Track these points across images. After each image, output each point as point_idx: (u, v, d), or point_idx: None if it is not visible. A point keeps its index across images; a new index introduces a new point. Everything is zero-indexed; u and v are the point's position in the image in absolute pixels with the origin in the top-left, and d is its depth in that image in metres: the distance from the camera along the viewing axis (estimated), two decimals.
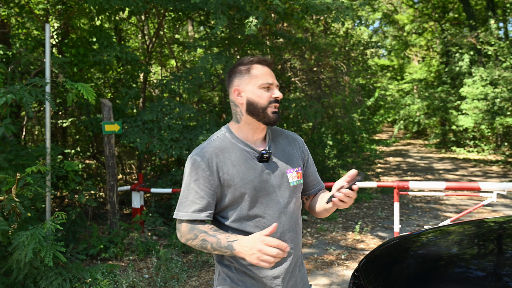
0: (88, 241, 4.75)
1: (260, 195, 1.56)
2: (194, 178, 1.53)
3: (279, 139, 1.70)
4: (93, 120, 6.19)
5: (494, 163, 13.85)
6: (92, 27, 6.23)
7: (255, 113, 1.57)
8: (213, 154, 1.54)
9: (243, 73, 1.60)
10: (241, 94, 1.60)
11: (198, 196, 1.52)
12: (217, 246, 1.46)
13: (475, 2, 21.10)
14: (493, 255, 2.20)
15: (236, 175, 1.53)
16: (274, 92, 1.58)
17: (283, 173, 1.62)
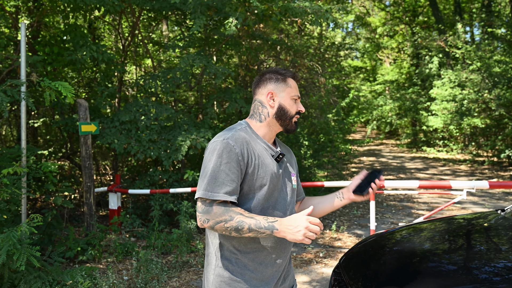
0: (65, 244, 4.66)
1: (275, 190, 1.67)
2: (225, 160, 1.55)
3: (283, 148, 1.84)
4: (68, 120, 6.07)
5: (462, 162, 14.37)
6: (66, 26, 6.10)
7: (282, 118, 1.71)
8: (243, 142, 1.61)
9: (279, 81, 1.73)
10: (274, 98, 1.71)
11: (228, 178, 1.54)
12: (255, 227, 1.51)
13: (443, 6, 21.82)
14: (463, 250, 2.32)
15: (261, 166, 1.63)
16: (300, 106, 1.75)
17: (289, 175, 1.77)
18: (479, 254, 2.19)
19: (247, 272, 1.64)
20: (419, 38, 16.63)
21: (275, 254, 1.67)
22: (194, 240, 5.31)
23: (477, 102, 12.63)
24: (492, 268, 1.99)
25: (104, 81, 6.65)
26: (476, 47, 12.92)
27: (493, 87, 11.79)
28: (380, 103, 20.90)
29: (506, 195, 8.50)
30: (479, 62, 12.47)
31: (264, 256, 1.65)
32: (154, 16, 7.65)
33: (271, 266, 1.67)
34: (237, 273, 1.63)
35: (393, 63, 27.44)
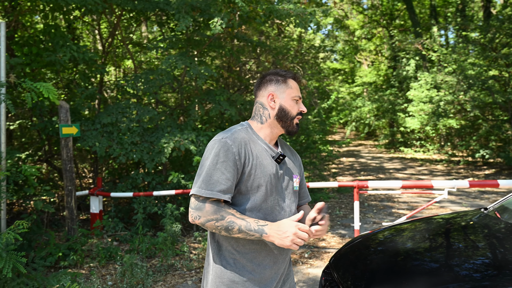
0: (45, 249, 4.55)
1: (273, 190, 1.68)
2: (222, 159, 1.57)
3: (286, 149, 1.85)
4: (47, 122, 5.92)
5: (439, 162, 14.72)
6: (46, 26, 5.95)
7: (283, 119, 1.71)
8: (242, 142, 1.63)
9: (280, 82, 1.73)
10: (275, 99, 1.72)
11: (224, 177, 1.56)
12: (245, 228, 1.53)
13: (419, 10, 22.34)
14: (451, 248, 2.38)
15: (258, 166, 1.64)
16: (301, 106, 1.75)
17: (290, 176, 1.77)
18: (466, 252, 2.26)
19: (245, 273, 1.64)
20: (397, 41, 16.96)
21: (273, 255, 1.68)
22: (178, 243, 5.27)
23: (453, 104, 12.96)
24: (477, 266, 2.05)
25: (84, 82, 6.52)
26: (451, 50, 13.27)
27: (468, 89, 12.13)
28: (359, 104, 21.21)
29: (481, 193, 8.75)
30: (454, 65, 12.81)
31: (262, 257, 1.66)
32: (135, 17, 7.55)
33: (270, 267, 1.67)
34: (235, 273, 1.64)
35: (371, 65, 27.90)
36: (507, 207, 2.84)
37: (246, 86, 9.60)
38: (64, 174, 5.05)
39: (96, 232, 5.15)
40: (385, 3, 23.79)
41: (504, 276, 1.86)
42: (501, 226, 2.48)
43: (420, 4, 22.46)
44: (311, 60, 11.92)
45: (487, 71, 12.40)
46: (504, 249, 2.20)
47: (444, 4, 22.00)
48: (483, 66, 12.26)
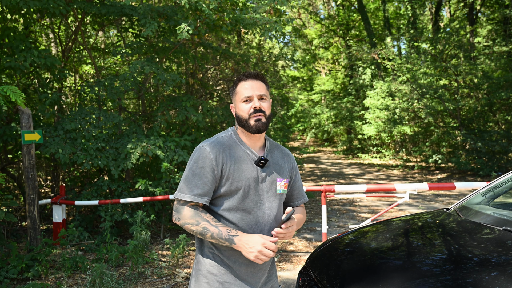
0: (7, 261, 4.34)
1: (251, 193, 1.75)
2: (200, 165, 1.70)
3: (275, 151, 1.89)
4: (5, 128, 5.66)
5: (395, 167, 15.37)
6: (4, 29, 5.72)
7: (241, 124, 1.78)
8: (221, 148, 1.73)
9: (233, 92, 1.82)
10: (233, 109, 1.83)
11: (201, 182, 1.69)
12: (217, 236, 1.65)
13: (373, 21, 23.33)
14: (416, 246, 2.54)
15: (236, 170, 1.72)
16: (254, 103, 1.74)
17: (273, 180, 1.81)
18: (436, 248, 2.42)
19: (223, 267, 1.76)
20: (354, 50, 17.61)
21: None
22: (147, 250, 5.19)
23: (407, 111, 13.60)
24: (444, 260, 2.22)
25: (45, 88, 6.30)
26: (405, 60, 13.95)
27: (421, 97, 12.79)
28: (318, 111, 21.76)
29: (436, 196, 9.24)
30: (408, 74, 13.48)
31: (238, 255, 1.75)
32: (98, 21, 7.39)
33: (245, 265, 1.77)
34: (213, 267, 1.76)
35: (328, 73, 28.70)
36: (466, 206, 3.07)
37: (210, 92, 9.63)
38: (26, 182, 4.85)
39: (61, 241, 4.98)
40: (342, 13, 24.64)
41: (466, 269, 2.02)
42: (465, 224, 2.68)
43: (374, 15, 23.46)
44: (271, 68, 12.15)
45: (438, 81, 13.14)
46: (472, 242, 2.38)
47: (397, 16, 23.11)
48: (434, 76, 12.98)
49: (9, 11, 5.74)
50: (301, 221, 1.95)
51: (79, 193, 6.45)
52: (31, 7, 5.10)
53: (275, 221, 1.82)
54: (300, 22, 27.79)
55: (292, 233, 1.72)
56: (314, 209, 8.20)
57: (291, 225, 1.70)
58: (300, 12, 25.94)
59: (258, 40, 14.54)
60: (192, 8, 5.88)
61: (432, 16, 18.37)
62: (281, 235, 1.67)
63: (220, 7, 6.18)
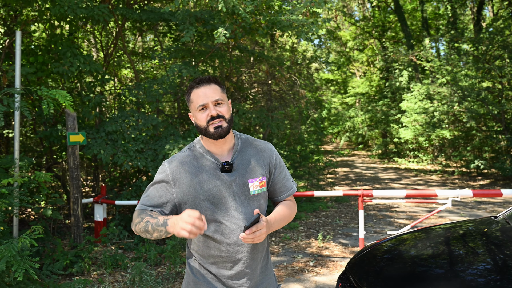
0: (52, 257, 4.54)
1: (219, 203, 1.70)
2: (158, 179, 1.72)
3: (248, 150, 1.81)
4: (52, 130, 5.93)
5: (433, 172, 14.91)
6: (51, 35, 5.99)
7: (201, 132, 1.72)
8: (179, 163, 1.71)
9: (188, 100, 1.76)
10: (192, 118, 1.77)
11: (156, 195, 1.70)
12: (156, 225, 1.57)
13: (411, 22, 22.78)
14: (462, 255, 2.45)
15: (197, 184, 1.69)
16: (211, 111, 1.67)
17: (244, 182, 1.74)
18: (484, 258, 2.33)
19: (209, 276, 1.76)
20: (390, 52, 17.25)
21: (230, 262, 1.73)
22: (184, 250, 5.28)
23: (447, 115, 13.18)
24: (491, 271, 2.13)
25: (89, 91, 6.55)
26: (446, 62, 13.53)
27: (462, 100, 12.36)
28: (352, 114, 21.44)
29: (478, 204, 8.89)
30: (448, 76, 13.06)
31: (222, 262, 1.73)
32: (138, 27, 7.62)
33: (229, 272, 1.74)
34: (198, 276, 1.77)
35: (363, 76, 28.25)
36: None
37: (246, 95, 9.70)
38: (70, 182, 5.06)
39: (103, 239, 5.14)
40: (377, 15, 24.21)
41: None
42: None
43: (412, 16, 22.89)
44: (304, 70, 12.09)
45: (480, 83, 12.66)
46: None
47: (435, 17, 22.46)
48: (476, 78, 12.52)
49: (57, 19, 6.01)
50: (285, 217, 1.83)
51: (119, 193, 6.64)
52: (78, 15, 5.32)
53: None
54: (335, 24, 27.52)
55: (262, 236, 1.58)
56: (349, 214, 8.09)
57: (258, 229, 1.56)
58: (337, 14, 25.68)
59: (291, 43, 14.52)
60: (229, 12, 5.96)
61: (474, 15, 17.72)
62: (248, 239, 1.57)
63: (256, 10, 6.23)
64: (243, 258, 1.74)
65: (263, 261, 1.85)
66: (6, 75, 5.15)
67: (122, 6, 6.78)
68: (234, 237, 1.70)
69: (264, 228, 1.59)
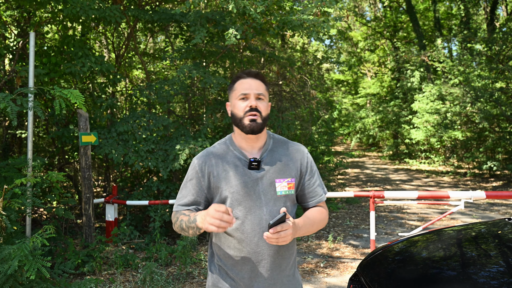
0: (64, 256, 4.58)
1: (243, 200, 1.65)
2: (189, 178, 1.74)
3: (279, 149, 1.76)
4: (64, 131, 6.00)
5: (445, 173, 14.74)
6: (65, 37, 6.07)
7: (236, 123, 1.70)
8: (207, 159, 1.72)
9: (230, 89, 1.74)
10: (228, 108, 1.77)
11: (189, 193, 1.71)
12: (188, 223, 1.60)
13: (423, 22, 22.57)
14: (477, 257, 2.41)
15: (223, 179, 1.68)
16: (251, 101, 1.65)
17: (271, 181, 1.68)
18: (499, 260, 2.29)
19: (227, 280, 1.71)
20: (401, 52, 17.10)
21: (251, 265, 1.67)
22: (194, 251, 5.30)
23: (459, 115, 13.02)
24: (511, 274, 2.09)
25: (101, 92, 6.62)
26: (459, 62, 13.37)
27: (475, 101, 12.20)
28: (363, 115, 21.30)
29: (491, 205, 8.76)
30: (461, 77, 12.90)
31: (240, 266, 1.68)
32: (150, 28, 7.67)
33: (248, 277, 1.68)
34: (219, 279, 1.73)
35: (374, 76, 28.06)
36: None
37: None
38: (82, 182, 5.11)
39: (114, 239, 5.19)
40: (389, 15, 24.03)
41: None
42: None
43: (424, 16, 22.68)
44: (315, 71, 12.05)
45: (493, 83, 12.48)
46: None
47: (448, 17, 22.22)
48: (490, 78, 12.35)
49: (69, 20, 6.08)
50: (315, 223, 1.73)
51: (130, 193, 6.69)
52: (90, 16, 5.38)
53: None
54: (346, 24, 27.40)
55: (287, 238, 1.49)
56: (360, 215, 8.03)
57: (284, 229, 1.47)
58: (348, 14, 25.56)
59: (302, 44, 14.49)
60: (240, 13, 5.96)
61: (487, 15, 17.49)
62: (272, 240, 1.48)
63: (267, 10, 6.22)
64: (264, 261, 1.67)
65: (290, 269, 1.77)
66: (19, 75, 5.22)
67: (134, 7, 6.83)
68: (255, 237, 1.64)
69: (290, 229, 1.49)
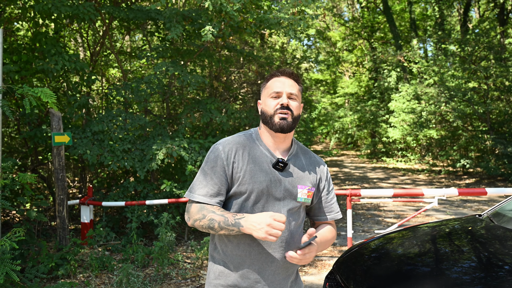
0: (37, 259, 4.45)
1: (264, 198, 1.62)
2: (212, 165, 1.63)
3: (303, 157, 1.75)
4: (36, 131, 5.83)
5: (420, 171, 15.05)
6: (35, 33, 5.90)
7: (265, 121, 1.66)
8: (233, 147, 1.64)
9: (263, 86, 1.72)
10: (259, 105, 1.72)
11: (212, 182, 1.61)
12: (224, 224, 1.52)
13: (399, 23, 22.97)
14: (447, 252, 2.46)
15: (249, 171, 1.61)
16: (282, 99, 1.63)
17: (293, 186, 1.66)
18: (469, 256, 2.34)
19: (231, 278, 1.64)
20: (379, 53, 17.35)
21: (259, 265, 1.63)
22: (172, 252, 5.24)
23: (434, 115, 13.31)
24: (476, 268, 2.14)
25: (75, 91, 6.46)
26: (433, 62, 13.66)
27: (449, 100, 12.49)
28: (341, 114, 21.54)
29: (464, 202, 8.98)
30: (435, 77, 13.19)
31: (248, 265, 1.63)
32: (126, 26, 7.54)
33: (255, 277, 1.63)
34: (221, 276, 1.66)
35: (352, 76, 28.40)
36: (499, 212, 2.96)
37: (234, 95, 9.67)
38: (56, 183, 4.98)
39: (89, 241, 5.07)
40: (366, 15, 24.37)
41: (498, 278, 1.95)
42: (498, 231, 2.59)
43: (400, 17, 23.09)
44: (294, 70, 12.10)
45: (466, 83, 12.81)
46: (507, 250, 2.29)
47: (423, 18, 22.69)
48: (463, 78, 12.66)
49: (41, 17, 5.91)
50: (327, 242, 1.73)
51: (106, 194, 6.57)
52: (62, 13, 5.24)
53: (289, 232, 1.64)
54: (324, 24, 27.63)
55: (310, 259, 1.53)
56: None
57: (309, 251, 1.52)
58: (325, 13, 25.76)
59: (281, 43, 14.53)
60: (216, 10, 5.92)
61: (461, 17, 17.94)
62: (295, 260, 1.50)
63: (244, 8, 6.21)
64: (273, 264, 1.63)
65: (294, 275, 1.75)
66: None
67: (110, 4, 6.70)
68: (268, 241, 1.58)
69: (314, 251, 1.54)
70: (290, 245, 1.65)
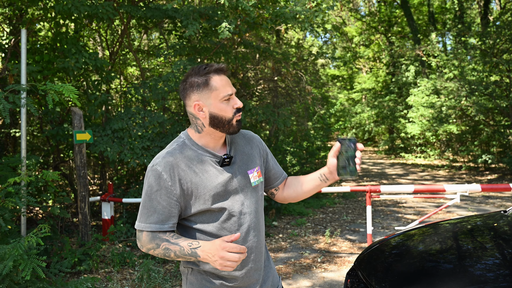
0: (60, 255, 4.56)
1: (223, 200, 1.57)
2: (156, 188, 1.51)
3: (238, 140, 1.70)
4: (59, 129, 5.95)
5: (440, 167, 14.80)
6: (56, 33, 6.01)
7: (219, 126, 1.55)
8: (174, 164, 1.52)
9: (201, 86, 1.54)
10: (202, 109, 1.55)
11: (160, 206, 1.50)
12: (180, 253, 1.47)
13: (417, 17, 22.57)
14: (474, 249, 2.42)
15: (200, 183, 1.53)
16: (236, 102, 1.56)
17: (244, 174, 1.63)
18: (497, 253, 2.30)
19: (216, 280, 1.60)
20: (396, 47, 17.10)
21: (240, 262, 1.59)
22: None
23: (454, 109, 13.07)
24: (506, 266, 2.10)
25: (95, 89, 6.57)
26: (453, 56, 13.40)
27: (470, 94, 12.24)
28: (358, 110, 21.33)
29: (486, 198, 8.81)
30: (455, 70, 12.93)
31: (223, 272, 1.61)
32: (144, 24, 7.62)
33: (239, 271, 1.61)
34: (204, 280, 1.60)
35: (369, 71, 28.08)
36: None
37: (252, 92, 9.68)
38: (77, 180, 5.08)
39: (110, 237, 5.17)
40: (383, 10, 24.02)
41: None
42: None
43: (418, 11, 22.68)
44: (310, 66, 12.04)
45: (488, 77, 12.53)
46: None
47: (442, 11, 22.24)
48: (484, 72, 12.38)
49: (62, 17, 6.02)
50: None
51: (126, 191, 6.67)
52: (82, 13, 5.33)
53: (255, 218, 1.63)
54: (340, 20, 27.36)
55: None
56: (356, 210, 8.05)
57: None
58: (342, 7, 25.50)
59: (297, 39, 14.45)
60: (232, 7, 5.93)
61: (481, 9, 17.51)
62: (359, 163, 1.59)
63: (259, 3, 6.19)
64: (252, 255, 1.63)
65: (265, 253, 1.76)
66: (11, 74, 5.17)
67: (127, 3, 6.77)
68: (243, 233, 1.59)
69: None
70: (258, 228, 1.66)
